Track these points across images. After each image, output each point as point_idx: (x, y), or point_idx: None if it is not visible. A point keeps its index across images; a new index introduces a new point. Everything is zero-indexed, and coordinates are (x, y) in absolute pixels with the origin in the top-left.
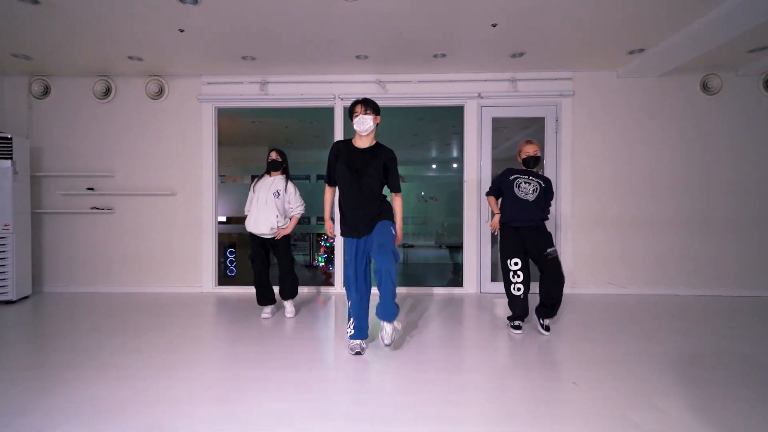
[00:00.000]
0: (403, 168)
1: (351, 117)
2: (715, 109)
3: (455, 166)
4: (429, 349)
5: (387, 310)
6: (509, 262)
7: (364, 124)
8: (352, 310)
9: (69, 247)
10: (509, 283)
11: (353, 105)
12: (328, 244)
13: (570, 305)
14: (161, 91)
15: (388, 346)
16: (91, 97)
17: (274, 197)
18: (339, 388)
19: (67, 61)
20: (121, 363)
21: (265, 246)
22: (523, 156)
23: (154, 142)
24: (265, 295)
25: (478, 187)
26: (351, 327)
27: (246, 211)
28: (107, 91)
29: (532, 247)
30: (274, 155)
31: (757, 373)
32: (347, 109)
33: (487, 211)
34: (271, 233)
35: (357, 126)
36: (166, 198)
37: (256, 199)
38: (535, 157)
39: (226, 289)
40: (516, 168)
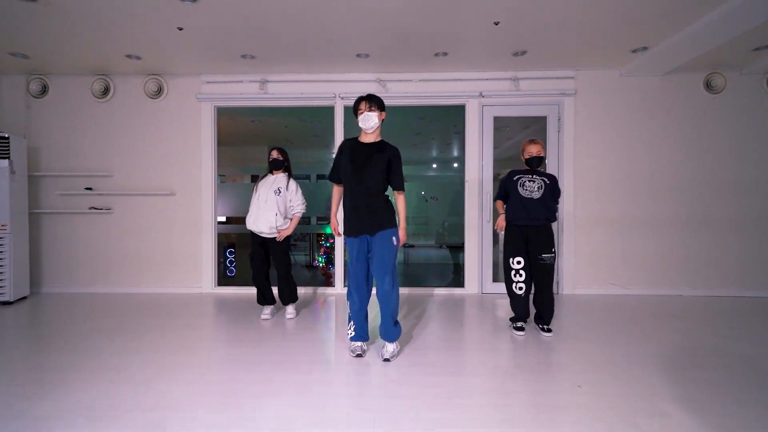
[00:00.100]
0: (404, 167)
1: (355, 114)
2: (718, 108)
3: (456, 165)
4: (431, 350)
5: (387, 332)
6: (511, 260)
7: (369, 121)
8: (352, 311)
9: (67, 248)
10: (510, 282)
11: (357, 102)
12: (328, 244)
13: (572, 306)
14: (160, 90)
15: (387, 360)
16: (90, 96)
17: (274, 195)
18: (340, 392)
19: (65, 60)
20: (119, 365)
21: (264, 246)
22: (526, 156)
23: (153, 142)
24: (264, 296)
25: (480, 186)
26: (351, 329)
27: (249, 213)
28: (106, 90)
29: (533, 248)
30: (275, 154)
31: (758, 375)
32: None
33: (489, 211)
34: (270, 233)
35: (362, 123)
36: (166, 198)
37: (257, 197)
38: (539, 158)
39: (226, 290)
40: (519, 169)
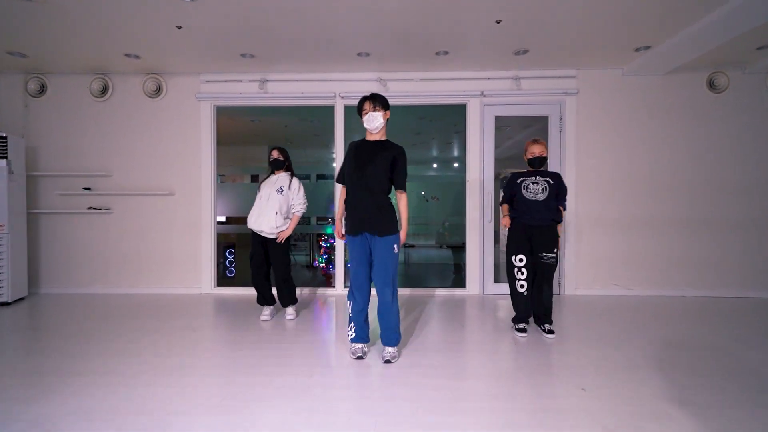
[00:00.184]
0: None
1: (360, 114)
2: (721, 107)
3: (456, 165)
4: (432, 353)
5: (387, 337)
6: (514, 258)
7: (374, 121)
8: (353, 312)
9: (66, 248)
10: (514, 279)
11: (361, 102)
12: (328, 244)
13: (574, 306)
14: (159, 90)
15: (388, 362)
16: (88, 95)
17: (277, 193)
18: (340, 395)
19: (64, 59)
20: (118, 368)
21: (264, 246)
22: (529, 156)
23: (152, 141)
24: (263, 296)
25: (481, 186)
26: (352, 330)
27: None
28: (104, 90)
29: (536, 246)
30: (275, 154)
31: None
32: (352, 106)
33: (491, 211)
34: (271, 233)
35: (367, 124)
36: (165, 198)
37: (259, 196)
38: (541, 158)
39: (225, 290)
40: (521, 171)
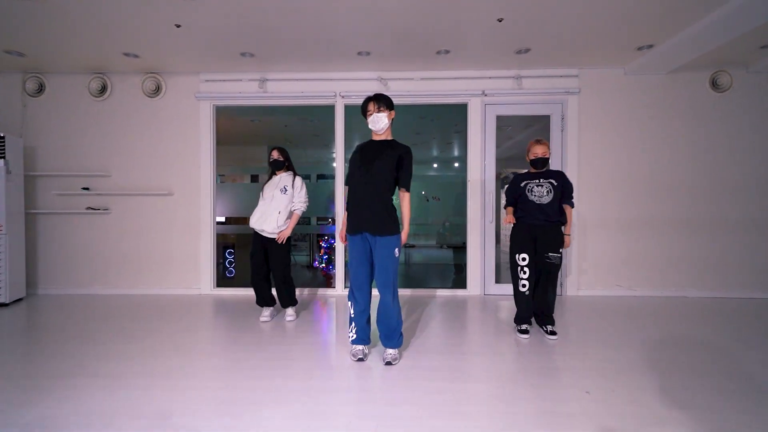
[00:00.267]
0: None
1: (364, 115)
2: (724, 107)
3: (457, 165)
4: (433, 354)
5: (388, 339)
6: (517, 256)
7: (379, 122)
8: (354, 313)
9: (64, 248)
10: (516, 278)
11: (365, 103)
12: (328, 244)
13: (576, 307)
14: (158, 89)
15: (389, 364)
16: (87, 94)
17: (281, 193)
18: (340, 399)
19: (62, 58)
20: (116, 370)
21: (265, 246)
22: (532, 157)
23: (151, 141)
24: (262, 296)
25: (482, 186)
26: (353, 331)
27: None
28: (103, 89)
29: (540, 246)
30: (275, 154)
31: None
32: (352, 106)
33: (492, 211)
34: (272, 233)
35: (372, 125)
36: (164, 198)
37: (263, 197)
38: (543, 159)
39: (225, 291)
40: (523, 173)
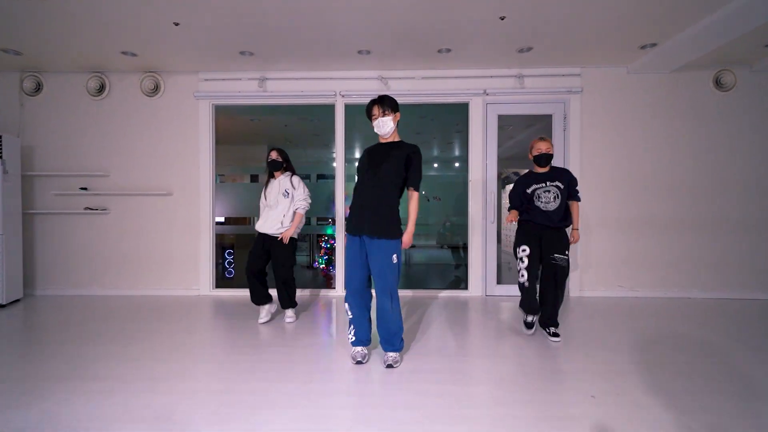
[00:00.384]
0: None
1: (369, 119)
2: (728, 106)
3: (457, 165)
4: (434, 357)
5: (388, 343)
6: (518, 248)
7: (385, 127)
8: (352, 315)
9: (62, 249)
10: (517, 270)
11: (370, 107)
12: (329, 245)
13: (579, 308)
14: (157, 88)
15: (390, 367)
16: (85, 94)
17: (284, 197)
18: (340, 403)
19: (60, 57)
20: (113, 373)
21: (267, 244)
22: (535, 153)
23: (149, 141)
24: (255, 293)
25: (483, 186)
26: (352, 333)
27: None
28: (101, 88)
29: (546, 246)
30: (274, 155)
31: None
32: (352, 105)
33: (494, 211)
34: (275, 232)
35: (377, 129)
36: (163, 198)
37: (266, 204)
38: (547, 155)
39: (224, 292)
40: (528, 174)
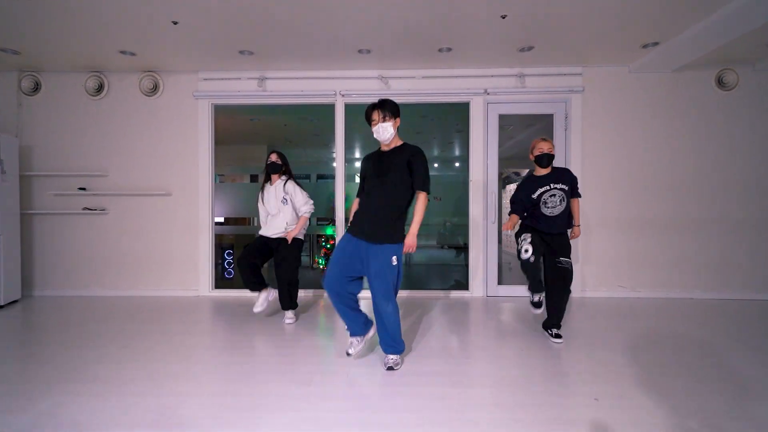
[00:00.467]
0: None
1: (369, 123)
2: (730, 105)
3: (458, 165)
4: (436, 359)
5: (388, 346)
6: (520, 237)
7: (385, 133)
8: (338, 312)
9: (61, 249)
10: (518, 253)
11: (369, 111)
12: (329, 245)
13: (581, 309)
14: (156, 88)
15: (391, 369)
16: (84, 93)
17: (283, 204)
18: (341, 406)
19: (58, 56)
20: (110, 376)
21: (268, 244)
22: (537, 153)
23: (149, 141)
24: (247, 279)
25: (484, 187)
26: (346, 325)
27: (262, 224)
28: (100, 88)
29: (551, 249)
30: (273, 157)
31: None
32: (352, 105)
33: (495, 211)
34: (281, 234)
35: (377, 136)
36: (162, 198)
37: (266, 210)
38: (549, 155)
39: (223, 293)
40: (530, 178)
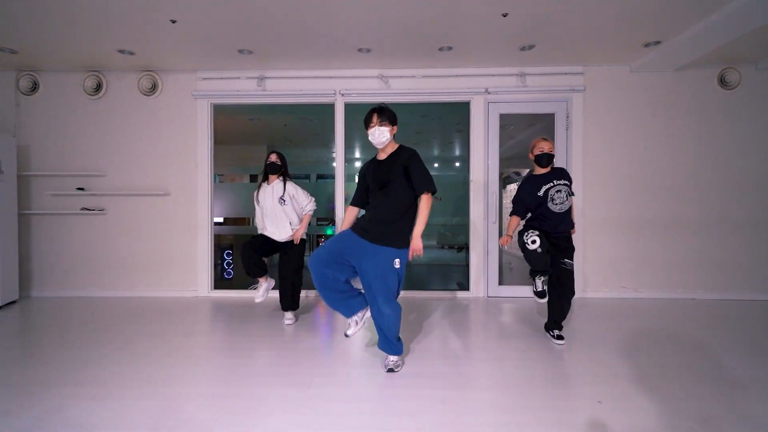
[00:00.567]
0: None
1: (366, 127)
2: (732, 104)
3: (458, 164)
4: (436, 360)
5: (387, 347)
6: (525, 234)
7: (380, 136)
8: (327, 303)
9: (59, 250)
10: (523, 243)
11: (369, 114)
12: None
13: (583, 310)
14: (154, 87)
15: (391, 371)
16: (82, 93)
17: (281, 205)
18: (341, 409)
19: (56, 56)
20: (108, 377)
21: (274, 242)
22: (537, 152)
23: (147, 141)
24: (250, 264)
25: (485, 187)
26: (340, 312)
27: (258, 225)
28: (98, 87)
29: (556, 251)
30: (273, 158)
31: None
32: (352, 104)
33: (495, 211)
34: (286, 237)
35: (371, 138)
36: (160, 198)
37: (264, 213)
38: (549, 155)
39: (222, 294)
40: (531, 177)
